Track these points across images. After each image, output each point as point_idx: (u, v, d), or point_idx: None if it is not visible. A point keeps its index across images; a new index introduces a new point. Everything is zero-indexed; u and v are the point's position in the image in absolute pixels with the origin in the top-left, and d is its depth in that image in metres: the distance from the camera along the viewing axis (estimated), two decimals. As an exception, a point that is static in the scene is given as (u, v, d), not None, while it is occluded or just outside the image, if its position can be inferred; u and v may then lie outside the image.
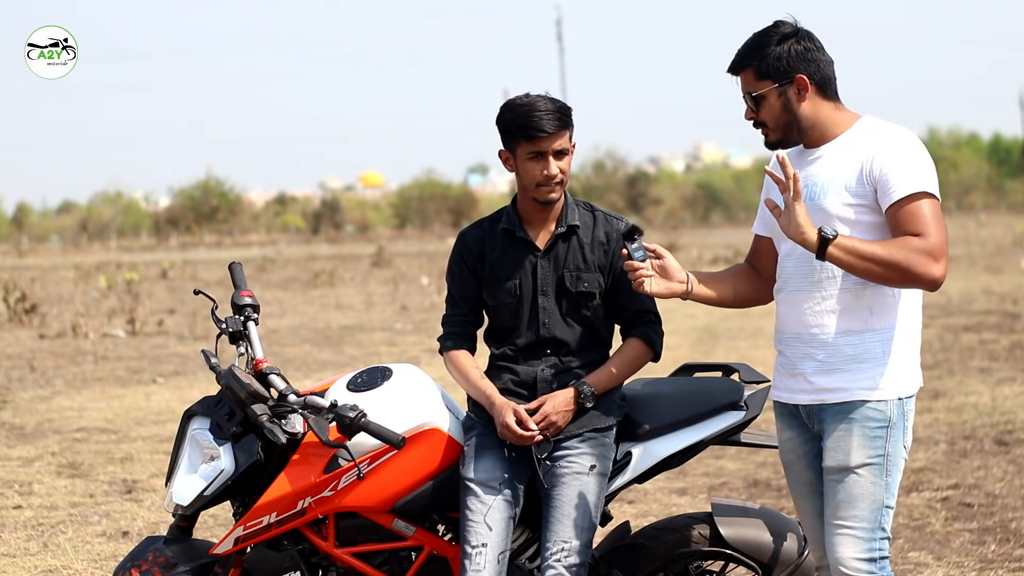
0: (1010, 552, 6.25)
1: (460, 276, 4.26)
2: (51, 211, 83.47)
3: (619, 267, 4.17)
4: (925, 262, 3.58)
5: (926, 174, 3.67)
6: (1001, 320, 16.42)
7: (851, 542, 3.72)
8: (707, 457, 8.20)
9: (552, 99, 4.12)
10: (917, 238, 3.60)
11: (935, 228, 3.62)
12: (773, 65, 3.75)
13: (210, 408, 4.10)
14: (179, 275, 31.91)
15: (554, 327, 4.17)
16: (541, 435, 4.06)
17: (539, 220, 4.21)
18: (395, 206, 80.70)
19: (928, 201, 3.64)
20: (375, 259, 35.33)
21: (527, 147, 4.10)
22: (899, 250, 3.59)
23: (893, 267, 3.59)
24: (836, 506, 3.74)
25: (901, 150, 3.69)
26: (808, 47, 3.76)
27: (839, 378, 3.73)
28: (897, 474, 3.74)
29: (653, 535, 4.26)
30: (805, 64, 3.75)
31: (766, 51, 3.76)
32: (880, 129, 3.75)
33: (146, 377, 13.07)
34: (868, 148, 3.70)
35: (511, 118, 4.11)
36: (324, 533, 4.10)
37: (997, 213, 64.56)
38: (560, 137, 4.10)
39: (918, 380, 3.80)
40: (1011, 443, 8.68)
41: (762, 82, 3.77)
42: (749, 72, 3.79)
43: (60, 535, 6.91)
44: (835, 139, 3.77)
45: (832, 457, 3.75)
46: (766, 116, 3.79)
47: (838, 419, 3.73)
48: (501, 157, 4.20)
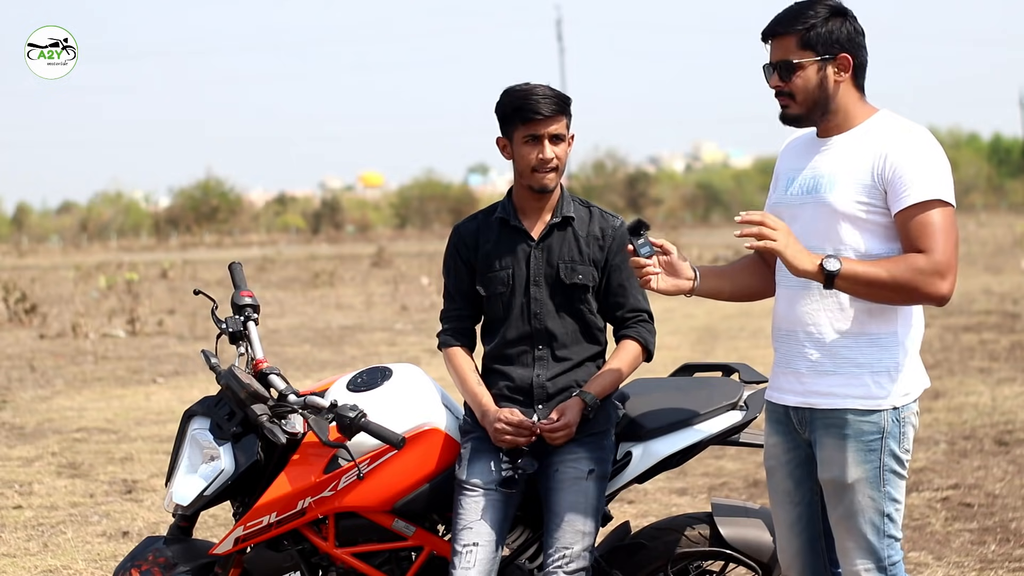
0: (1010, 552, 6.25)
1: (455, 270, 4.25)
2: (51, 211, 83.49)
3: (613, 264, 4.17)
4: (931, 282, 3.50)
5: (940, 179, 3.57)
6: (1001, 320, 16.41)
7: (860, 553, 3.69)
8: (707, 457, 8.20)
9: (551, 87, 4.14)
10: (923, 255, 3.51)
11: (943, 242, 3.51)
12: (823, 37, 3.64)
13: (210, 408, 4.10)
14: (179, 275, 31.90)
15: (546, 318, 4.16)
16: (531, 437, 4.05)
17: (534, 210, 4.20)
18: (395, 206, 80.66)
19: (940, 210, 3.53)
20: (375, 259, 35.33)
21: (523, 130, 4.10)
22: (904, 271, 3.50)
23: (898, 290, 3.52)
24: (839, 518, 3.71)
25: (915, 150, 3.59)
26: (858, 29, 3.68)
27: (831, 382, 3.65)
28: (895, 480, 3.68)
29: (653, 535, 4.26)
30: (852, 46, 3.67)
31: (815, 22, 3.64)
32: (896, 125, 3.65)
33: (146, 377, 13.07)
34: (881, 144, 3.60)
35: (508, 102, 4.13)
36: (324, 533, 4.10)
37: (997, 213, 64.52)
38: (557, 122, 4.09)
39: (919, 385, 3.70)
40: (1011, 443, 8.68)
41: (805, 51, 3.65)
42: (791, 39, 3.66)
43: (60, 535, 6.91)
44: (849, 131, 3.68)
45: (828, 470, 3.69)
46: (797, 88, 3.67)
47: (831, 432, 3.66)
48: (499, 144, 4.19)
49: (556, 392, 4.14)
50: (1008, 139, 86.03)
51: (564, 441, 4.07)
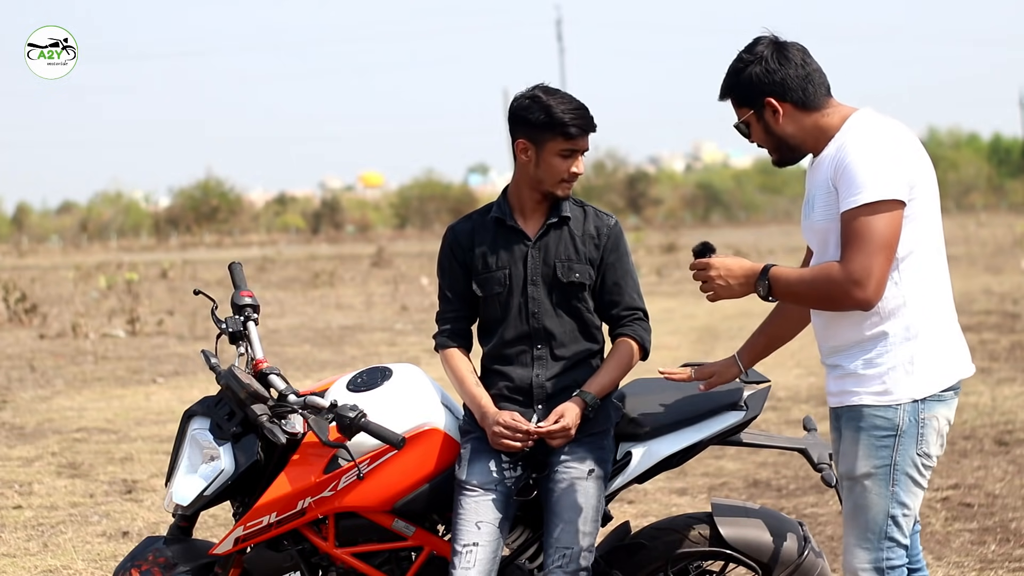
0: (1010, 552, 6.25)
1: (450, 270, 4.24)
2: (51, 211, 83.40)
3: (608, 263, 4.17)
4: (846, 290, 3.57)
5: (868, 181, 3.56)
6: (1001, 320, 16.41)
7: (859, 552, 3.71)
8: (707, 457, 8.20)
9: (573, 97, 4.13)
10: (838, 264, 3.58)
11: (859, 249, 3.55)
12: (745, 91, 3.75)
13: (210, 408, 4.10)
14: (179, 275, 31.89)
15: (544, 317, 4.15)
16: (532, 441, 4.05)
17: (532, 211, 4.19)
18: (395, 206, 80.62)
19: (861, 218, 3.55)
20: (375, 259, 35.32)
21: (561, 144, 4.08)
22: (822, 281, 3.61)
23: (820, 299, 3.65)
24: (846, 514, 3.77)
25: (851, 154, 3.61)
26: (771, 67, 3.70)
27: (851, 382, 3.71)
28: (907, 482, 3.68)
29: (653, 535, 4.26)
30: (771, 86, 3.71)
31: (737, 79, 3.76)
32: (848, 131, 3.68)
33: (146, 377, 13.07)
34: (835, 155, 3.66)
35: (547, 111, 4.06)
36: (324, 533, 4.10)
37: (997, 213, 64.49)
38: (588, 136, 4.13)
39: (948, 377, 3.71)
40: (1011, 443, 8.68)
41: (741, 110, 3.79)
42: (731, 102, 3.82)
43: (60, 535, 6.91)
44: (828, 144, 3.71)
45: (842, 463, 3.77)
46: (757, 140, 3.81)
47: (850, 425, 3.73)
48: (518, 147, 4.12)
49: (556, 392, 4.14)
50: (1008, 139, 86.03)
51: (563, 443, 4.07)
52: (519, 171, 4.17)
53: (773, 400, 10.27)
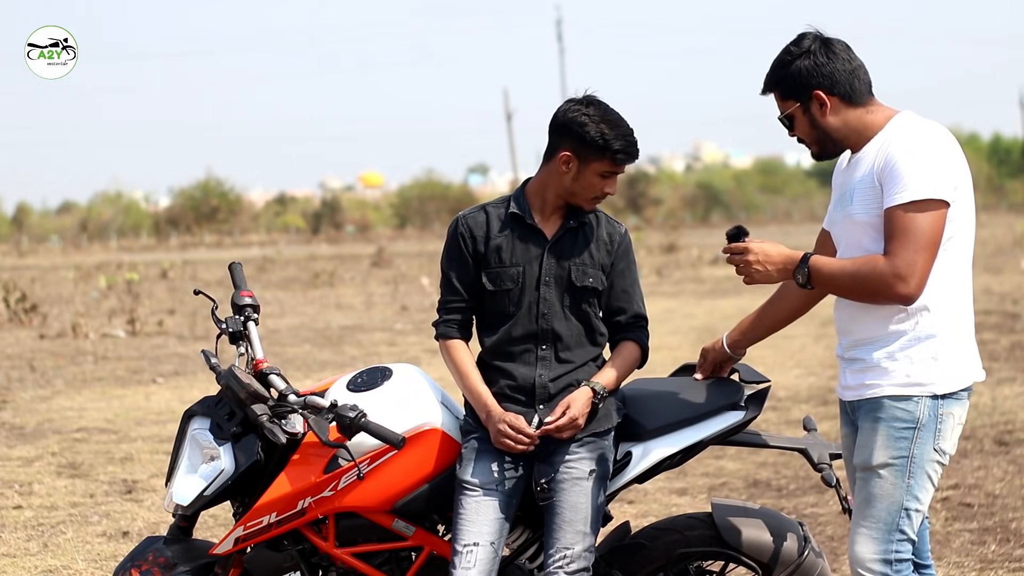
0: (1010, 552, 6.26)
1: (460, 259, 4.19)
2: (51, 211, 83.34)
3: (618, 270, 4.19)
4: (891, 284, 3.62)
5: (919, 179, 3.62)
6: (1001, 320, 16.41)
7: (867, 542, 3.74)
8: (707, 457, 8.20)
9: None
10: (885, 258, 3.63)
11: (906, 245, 3.60)
12: (794, 84, 3.79)
13: (210, 408, 4.10)
14: (179, 275, 31.89)
15: (553, 319, 4.15)
16: (534, 445, 4.05)
17: (551, 213, 4.19)
18: (395, 206, 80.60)
19: (911, 213, 3.60)
20: (375, 259, 35.32)
21: (607, 166, 4.11)
22: (868, 272, 3.65)
23: (862, 290, 3.68)
24: (858, 505, 3.79)
25: (902, 151, 3.67)
26: (819, 61, 3.77)
27: (872, 375, 3.75)
28: (922, 476, 3.72)
29: (653, 535, 4.26)
30: (819, 79, 3.77)
31: (784, 72, 3.81)
32: (898, 128, 3.74)
33: (146, 377, 13.07)
34: (878, 152, 3.71)
35: (603, 135, 4.07)
36: (324, 533, 4.10)
37: (997, 213, 64.52)
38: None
39: (966, 377, 3.76)
40: (1011, 443, 8.69)
41: (787, 103, 3.84)
42: (776, 94, 3.86)
43: (60, 535, 6.91)
44: (870, 141, 3.78)
45: (858, 455, 3.79)
46: (800, 133, 3.85)
47: (869, 417, 3.76)
48: (560, 158, 4.09)
49: (557, 393, 4.14)
50: (1008, 139, 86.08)
51: (572, 435, 4.07)
52: (552, 177, 4.14)
53: (773, 400, 10.27)
